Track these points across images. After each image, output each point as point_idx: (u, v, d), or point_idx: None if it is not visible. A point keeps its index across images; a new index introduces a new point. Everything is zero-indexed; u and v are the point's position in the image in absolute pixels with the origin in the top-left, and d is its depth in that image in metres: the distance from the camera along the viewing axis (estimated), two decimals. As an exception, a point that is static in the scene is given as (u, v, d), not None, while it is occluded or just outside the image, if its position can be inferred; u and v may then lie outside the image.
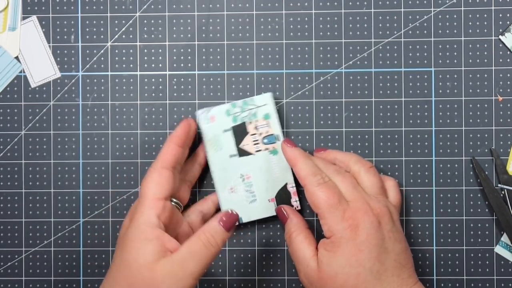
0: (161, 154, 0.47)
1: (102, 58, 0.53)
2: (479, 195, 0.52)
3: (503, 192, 0.51)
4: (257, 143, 0.48)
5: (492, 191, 0.51)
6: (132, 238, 0.43)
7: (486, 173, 0.52)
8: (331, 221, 0.43)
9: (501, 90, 0.52)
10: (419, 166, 0.52)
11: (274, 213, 0.49)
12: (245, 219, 0.49)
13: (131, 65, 0.53)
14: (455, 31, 0.52)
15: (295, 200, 0.49)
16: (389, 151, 0.52)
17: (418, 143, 0.52)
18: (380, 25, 0.53)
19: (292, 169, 0.48)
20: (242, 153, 0.48)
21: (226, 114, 0.48)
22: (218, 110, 0.48)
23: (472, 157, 0.52)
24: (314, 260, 0.44)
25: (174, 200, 0.48)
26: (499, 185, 0.52)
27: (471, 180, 0.52)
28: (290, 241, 0.47)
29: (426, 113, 0.52)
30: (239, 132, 0.48)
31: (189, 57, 0.53)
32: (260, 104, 0.48)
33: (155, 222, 0.44)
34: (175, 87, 0.53)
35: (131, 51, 0.53)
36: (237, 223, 0.45)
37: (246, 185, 0.48)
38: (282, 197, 0.49)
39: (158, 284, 0.41)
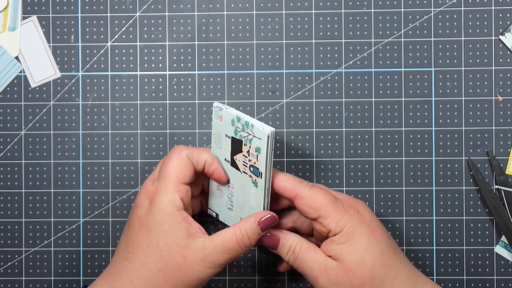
0: (194, 147, 0.47)
1: (102, 58, 0.53)
2: (479, 195, 0.52)
3: (500, 193, 0.51)
4: (245, 166, 0.45)
5: (489, 192, 0.51)
6: (160, 222, 0.43)
7: (486, 173, 0.52)
8: (338, 214, 0.43)
9: (501, 90, 0.52)
10: (419, 166, 0.52)
11: None
12: (221, 218, 0.49)
13: (131, 65, 0.53)
14: (455, 31, 0.52)
15: None
16: (389, 151, 0.52)
17: (418, 143, 0.52)
18: (380, 25, 0.53)
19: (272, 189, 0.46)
20: (233, 164, 0.46)
21: (231, 123, 0.45)
22: (227, 114, 0.45)
23: (468, 158, 0.52)
24: (330, 260, 0.43)
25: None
26: (495, 186, 0.52)
27: (471, 180, 0.52)
28: (294, 256, 0.45)
29: (426, 113, 0.52)
30: (236, 145, 0.45)
31: (189, 57, 0.53)
32: (257, 136, 0.43)
33: (180, 205, 0.43)
34: (175, 87, 0.53)
35: (131, 51, 0.53)
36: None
37: (229, 192, 0.47)
38: None
39: (190, 271, 0.42)
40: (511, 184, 0.52)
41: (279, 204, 0.48)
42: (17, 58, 0.53)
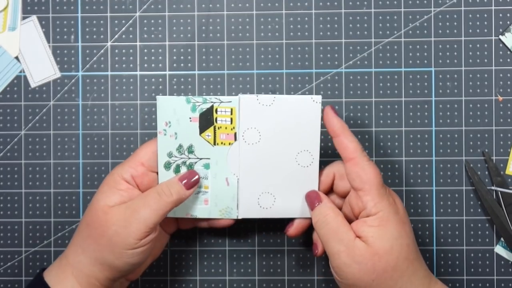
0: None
1: (102, 58, 0.53)
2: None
3: (496, 194, 0.51)
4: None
5: (486, 194, 0.51)
6: (104, 183, 0.46)
7: (486, 173, 0.52)
8: (378, 196, 0.44)
9: (501, 90, 0.52)
10: (419, 166, 0.52)
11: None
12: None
13: (131, 65, 0.53)
14: (455, 31, 0.52)
15: None
16: (389, 151, 0.52)
17: (418, 143, 0.52)
18: (380, 25, 0.53)
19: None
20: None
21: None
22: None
23: (464, 159, 0.52)
24: (359, 240, 0.43)
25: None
26: (492, 187, 0.52)
27: (471, 180, 0.52)
28: (325, 221, 0.45)
29: (426, 113, 0.52)
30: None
31: (189, 57, 0.53)
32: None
33: (128, 179, 0.46)
34: (175, 87, 0.53)
35: (131, 51, 0.53)
36: (196, 184, 0.46)
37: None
38: None
39: (109, 226, 0.44)
40: (508, 185, 0.52)
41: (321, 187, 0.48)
42: (17, 58, 0.53)
